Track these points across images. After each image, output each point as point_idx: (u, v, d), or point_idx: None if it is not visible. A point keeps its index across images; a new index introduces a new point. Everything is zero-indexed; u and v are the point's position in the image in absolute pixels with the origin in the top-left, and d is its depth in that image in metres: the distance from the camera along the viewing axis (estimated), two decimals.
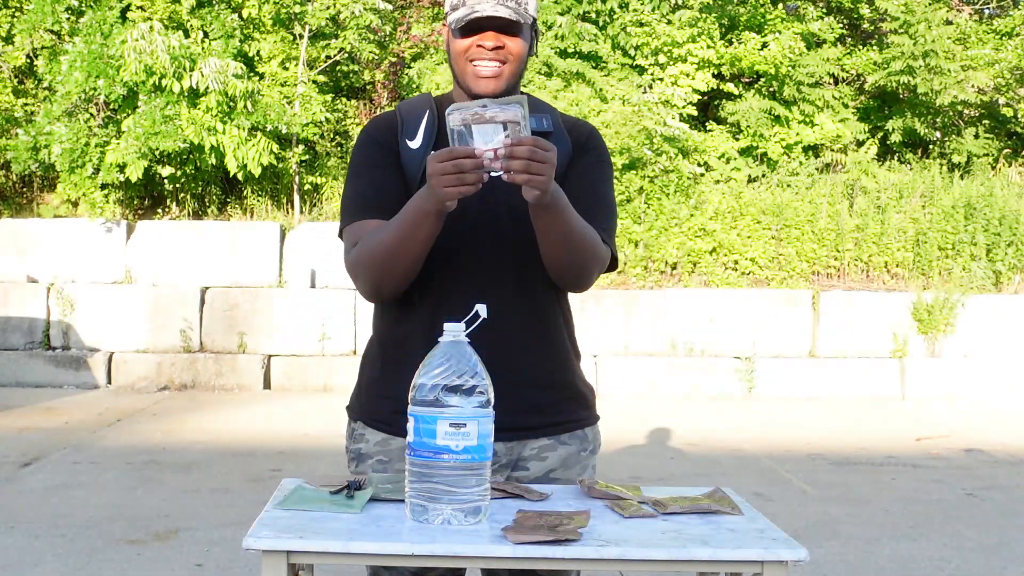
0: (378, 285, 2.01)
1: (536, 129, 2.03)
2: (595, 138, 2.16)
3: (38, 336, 9.04)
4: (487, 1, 1.96)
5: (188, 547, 4.39)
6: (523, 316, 2.05)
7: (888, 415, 8.26)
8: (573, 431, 2.11)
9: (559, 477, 2.08)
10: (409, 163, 2.05)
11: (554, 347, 2.11)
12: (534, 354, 2.07)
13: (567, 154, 2.07)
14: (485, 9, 1.95)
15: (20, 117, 10.06)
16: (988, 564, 4.41)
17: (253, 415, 7.65)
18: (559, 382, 2.12)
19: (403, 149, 2.06)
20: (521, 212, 1.99)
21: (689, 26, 10.92)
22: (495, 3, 1.96)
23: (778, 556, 1.62)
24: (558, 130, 2.10)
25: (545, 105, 2.18)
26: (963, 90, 11.25)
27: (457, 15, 1.99)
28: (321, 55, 10.35)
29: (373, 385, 2.11)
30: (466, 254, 2.01)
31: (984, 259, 9.81)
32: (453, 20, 1.99)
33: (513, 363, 1.99)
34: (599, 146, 2.16)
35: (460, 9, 1.99)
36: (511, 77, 2.01)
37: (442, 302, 2.00)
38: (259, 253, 9.38)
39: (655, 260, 9.66)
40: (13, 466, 5.84)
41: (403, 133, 2.07)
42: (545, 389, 2.08)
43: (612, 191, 2.17)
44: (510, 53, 2.00)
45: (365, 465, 2.07)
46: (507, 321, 1.99)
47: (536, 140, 1.77)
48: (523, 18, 1.98)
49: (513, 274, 2.04)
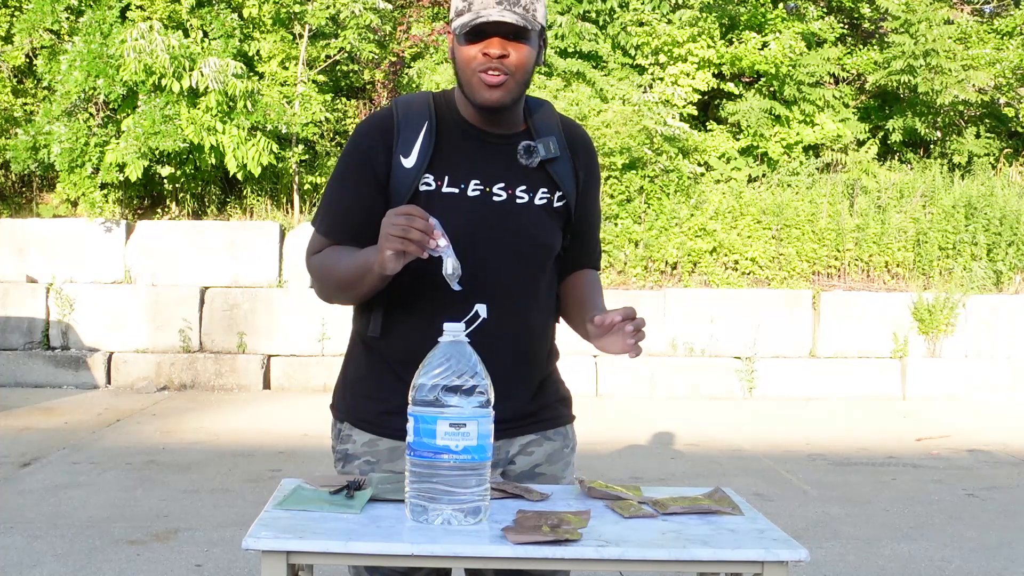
0: (328, 299, 2.08)
1: (545, 157, 2.04)
2: (591, 153, 2.16)
3: (37, 336, 9.04)
4: (493, 6, 1.90)
5: (188, 547, 4.38)
6: (517, 317, 2.05)
7: (888, 415, 8.26)
8: (557, 428, 2.15)
9: (545, 472, 2.11)
10: (400, 182, 1.99)
11: (543, 346, 2.14)
12: (525, 353, 2.08)
13: (571, 180, 2.09)
14: (491, 14, 1.89)
15: (19, 117, 10.06)
16: (989, 564, 4.41)
17: (253, 415, 7.65)
18: (547, 380, 2.15)
19: (395, 166, 2.00)
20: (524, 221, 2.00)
21: (689, 25, 10.92)
22: (502, 8, 1.90)
23: (778, 556, 1.61)
24: (563, 152, 2.08)
25: (547, 112, 2.13)
26: (964, 90, 11.24)
27: (462, 20, 1.92)
28: (321, 55, 10.35)
29: (358, 385, 2.09)
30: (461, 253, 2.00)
31: (985, 259, 9.81)
32: (458, 26, 1.93)
33: (505, 362, 2.00)
34: (594, 161, 2.17)
35: (465, 15, 1.93)
36: (516, 88, 1.97)
37: (433, 301, 1.99)
38: (259, 253, 9.38)
39: (655, 260, 9.66)
40: (13, 466, 5.83)
41: (398, 147, 2.00)
42: (535, 387, 2.11)
43: (599, 198, 2.24)
44: (516, 63, 1.94)
45: (352, 466, 2.06)
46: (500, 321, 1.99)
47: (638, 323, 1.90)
48: (531, 24, 1.92)
49: (508, 274, 2.03)
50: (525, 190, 2.03)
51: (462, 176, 1.99)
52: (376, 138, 2.02)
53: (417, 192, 1.98)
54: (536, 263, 2.07)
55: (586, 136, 2.17)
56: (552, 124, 2.10)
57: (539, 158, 2.02)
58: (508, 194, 2.01)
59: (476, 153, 2.01)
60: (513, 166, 2.02)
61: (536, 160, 2.02)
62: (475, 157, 2.01)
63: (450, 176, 1.99)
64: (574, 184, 2.08)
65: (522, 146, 2.02)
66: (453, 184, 1.99)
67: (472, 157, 2.01)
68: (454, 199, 1.98)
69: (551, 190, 2.05)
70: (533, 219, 2.03)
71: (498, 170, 2.01)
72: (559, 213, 2.07)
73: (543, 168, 2.04)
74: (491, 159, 2.01)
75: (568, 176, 2.07)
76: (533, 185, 2.04)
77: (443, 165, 1.99)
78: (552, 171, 2.05)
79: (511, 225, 2.01)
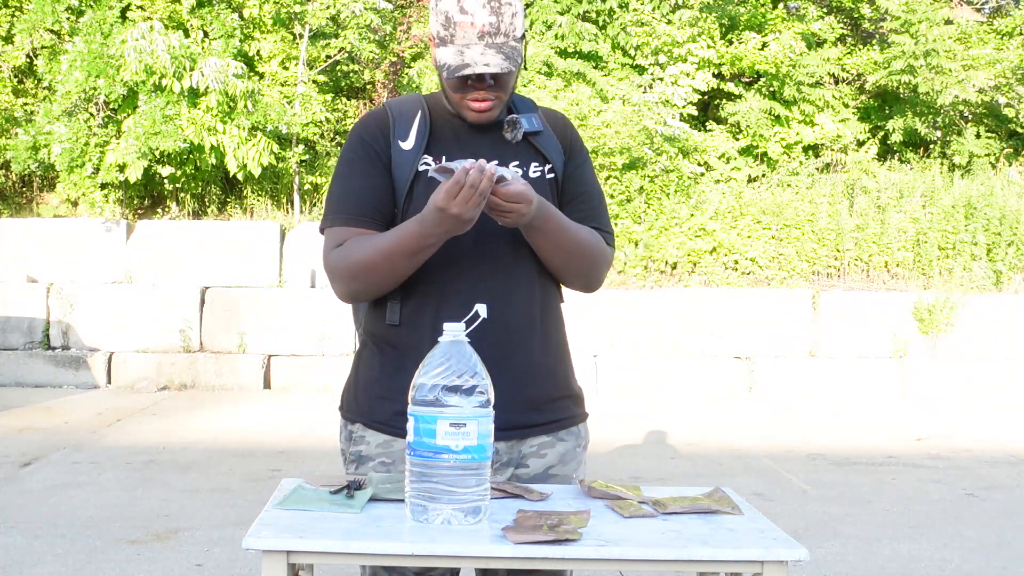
0: (355, 294, 2.05)
1: (529, 130, 2.08)
2: (574, 133, 2.19)
3: (38, 336, 9.04)
4: (479, 51, 1.92)
5: (188, 547, 4.39)
6: (526, 315, 2.06)
7: (888, 415, 8.26)
8: (569, 428, 2.15)
9: (557, 473, 2.10)
10: (400, 164, 2.04)
11: (553, 345, 2.13)
12: (536, 352, 2.08)
13: (558, 152, 2.12)
14: (477, 63, 1.91)
15: (20, 117, 10.06)
16: (988, 564, 4.41)
17: (253, 415, 7.65)
18: (559, 380, 2.14)
19: (395, 150, 2.05)
20: None
21: (689, 26, 10.93)
22: (487, 50, 1.92)
23: (778, 556, 1.62)
24: (546, 128, 2.13)
25: (527, 102, 2.19)
26: (964, 90, 11.24)
27: (448, 60, 1.94)
28: (321, 55, 10.35)
29: (372, 386, 2.09)
30: (468, 253, 2.01)
31: (984, 259, 9.81)
32: (443, 64, 1.95)
33: (516, 361, 2.01)
34: (578, 139, 2.20)
35: (448, 48, 1.94)
36: (502, 103, 2.04)
37: (443, 302, 2.00)
38: (259, 253, 9.38)
39: (655, 260, 9.66)
40: (13, 466, 5.84)
41: (395, 134, 2.06)
42: (546, 387, 2.11)
43: (596, 178, 2.23)
44: (501, 86, 2.00)
45: (367, 467, 2.06)
46: (510, 319, 2.00)
47: (501, 192, 1.86)
48: (514, 64, 1.94)
49: (515, 273, 2.05)
50: (518, 165, 2.07)
51: (458, 157, 2.01)
52: (374, 129, 2.08)
53: (418, 173, 2.03)
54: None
55: (564, 117, 2.22)
56: (532, 107, 2.17)
57: (523, 130, 2.06)
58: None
59: (469, 137, 2.06)
60: (503, 144, 2.07)
61: (520, 133, 2.06)
62: (469, 140, 2.06)
63: (447, 157, 2.02)
64: (561, 156, 2.12)
65: (506, 120, 2.07)
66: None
67: (466, 140, 2.06)
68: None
69: (541, 162, 2.10)
70: None
71: (491, 150, 2.04)
72: (550, 185, 2.10)
73: (528, 142, 2.09)
74: (483, 141, 2.06)
75: (554, 148, 2.11)
76: (525, 160, 2.08)
77: (439, 147, 2.05)
78: (537, 144, 2.10)
79: None
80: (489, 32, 1.92)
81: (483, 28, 1.91)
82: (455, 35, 1.93)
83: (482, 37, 1.92)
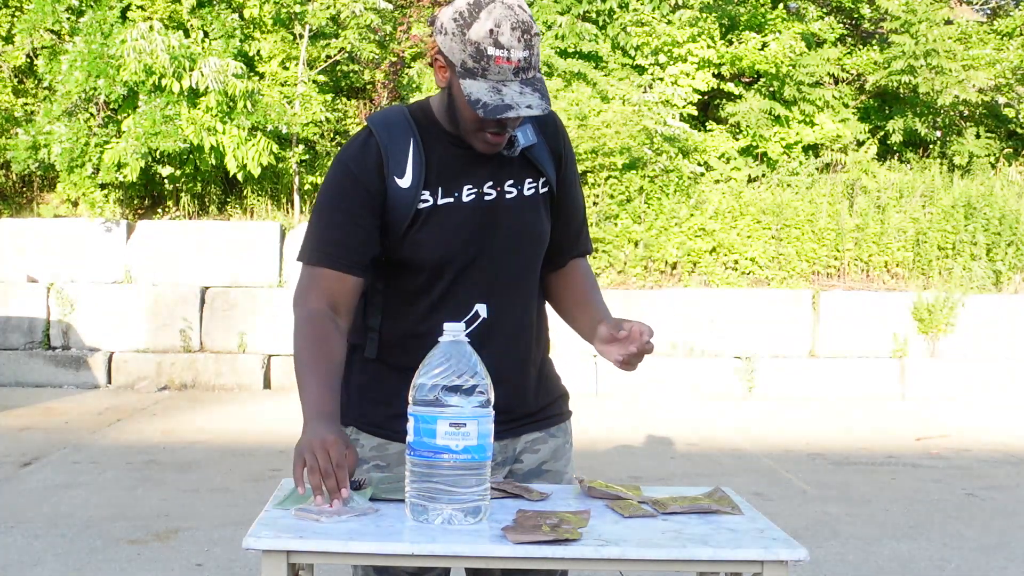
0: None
1: (524, 145, 2.03)
2: (564, 136, 2.14)
3: (38, 336, 9.04)
4: (518, 90, 1.84)
5: (188, 547, 4.39)
6: (519, 315, 2.07)
7: (888, 415, 8.26)
8: (559, 424, 2.17)
9: (550, 469, 2.12)
10: (398, 205, 1.96)
11: (541, 345, 2.17)
12: (528, 352, 2.11)
13: (550, 162, 2.08)
14: (519, 105, 1.83)
15: (20, 117, 10.06)
16: (988, 564, 4.41)
17: (253, 415, 7.65)
18: (548, 377, 2.18)
19: (392, 189, 1.96)
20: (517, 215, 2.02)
21: (689, 26, 10.92)
22: (524, 88, 1.85)
23: (778, 556, 1.62)
24: (538, 137, 2.07)
25: None
26: (964, 90, 11.24)
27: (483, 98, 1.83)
28: (321, 55, 10.35)
29: (364, 390, 2.08)
30: (462, 257, 2.01)
31: (984, 259, 9.81)
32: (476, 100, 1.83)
33: (509, 361, 2.02)
34: (567, 142, 2.15)
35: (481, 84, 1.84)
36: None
37: (438, 305, 2.00)
38: (259, 253, 9.38)
39: (655, 260, 9.66)
40: (13, 466, 5.84)
41: (389, 168, 1.97)
42: (538, 385, 2.13)
43: (579, 181, 2.22)
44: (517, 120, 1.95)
45: (361, 471, 2.06)
46: (503, 320, 2.01)
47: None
48: (548, 101, 1.88)
49: (509, 275, 2.05)
50: (513, 184, 2.03)
51: (455, 184, 1.99)
52: (366, 164, 1.98)
53: (418, 211, 1.97)
54: (532, 254, 2.09)
55: (553, 117, 2.14)
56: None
57: (519, 147, 2.02)
58: (498, 191, 2.02)
59: (463, 158, 1.99)
60: (497, 162, 2.01)
61: (517, 149, 2.01)
62: (463, 162, 1.99)
63: (444, 187, 1.98)
64: (553, 166, 2.08)
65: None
66: (448, 194, 1.99)
67: (460, 163, 1.99)
68: (451, 209, 1.99)
69: (535, 177, 2.06)
70: (525, 211, 2.04)
71: (485, 169, 2.00)
72: (544, 200, 2.08)
73: (523, 157, 2.04)
74: (477, 161, 2.00)
75: (547, 160, 2.07)
76: (519, 177, 2.04)
77: (436, 178, 1.98)
78: (532, 157, 2.05)
79: (504, 221, 2.02)
80: (523, 68, 1.85)
81: (518, 64, 1.84)
82: (488, 69, 1.83)
83: (517, 73, 1.85)
